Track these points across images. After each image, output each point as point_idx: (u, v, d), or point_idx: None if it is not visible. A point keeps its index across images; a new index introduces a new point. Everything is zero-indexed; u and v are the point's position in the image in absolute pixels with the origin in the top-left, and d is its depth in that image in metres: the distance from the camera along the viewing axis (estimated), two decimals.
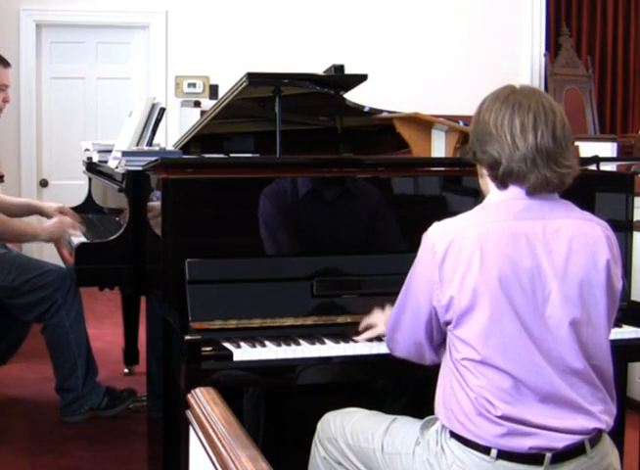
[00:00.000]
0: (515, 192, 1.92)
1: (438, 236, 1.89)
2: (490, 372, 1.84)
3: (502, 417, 1.83)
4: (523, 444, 1.84)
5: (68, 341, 3.67)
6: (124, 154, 3.06)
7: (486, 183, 1.98)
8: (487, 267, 1.83)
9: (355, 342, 2.37)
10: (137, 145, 3.49)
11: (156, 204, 2.63)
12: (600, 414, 1.89)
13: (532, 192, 1.90)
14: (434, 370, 2.02)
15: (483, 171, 1.97)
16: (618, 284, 1.94)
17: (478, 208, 1.97)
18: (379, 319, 2.36)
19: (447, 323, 1.90)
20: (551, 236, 1.88)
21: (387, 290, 2.39)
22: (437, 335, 1.95)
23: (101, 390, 3.78)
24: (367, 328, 2.38)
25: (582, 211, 1.98)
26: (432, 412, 2.00)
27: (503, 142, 1.88)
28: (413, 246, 1.98)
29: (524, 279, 1.84)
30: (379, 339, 2.39)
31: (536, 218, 1.89)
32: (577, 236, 1.90)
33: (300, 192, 2.62)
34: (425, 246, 1.93)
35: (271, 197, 2.57)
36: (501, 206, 1.92)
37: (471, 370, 1.86)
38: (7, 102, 3.90)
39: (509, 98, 1.91)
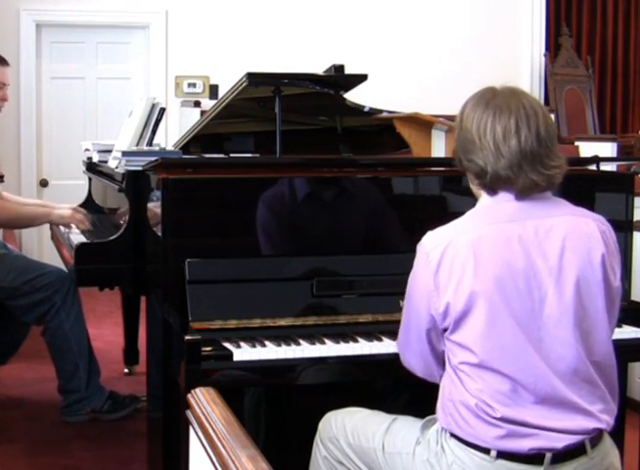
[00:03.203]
0: (505, 196, 1.92)
1: (432, 244, 1.89)
2: (488, 375, 1.84)
3: (501, 419, 1.83)
4: (522, 445, 1.84)
5: (68, 343, 3.67)
6: (124, 154, 3.06)
7: (477, 188, 1.98)
8: (482, 271, 1.83)
9: (356, 341, 2.37)
10: (137, 145, 3.49)
11: (156, 209, 2.63)
12: (599, 414, 1.89)
13: (522, 195, 1.90)
14: None
15: (472, 178, 1.97)
16: (616, 277, 1.94)
17: (470, 212, 1.97)
18: None
19: (445, 330, 1.89)
20: (544, 236, 1.88)
21: (387, 290, 2.39)
22: (439, 345, 1.94)
23: (104, 393, 3.77)
24: None
25: (576, 208, 1.97)
26: (432, 412, 2.00)
27: (487, 150, 1.87)
28: (413, 246, 1.98)
29: (519, 281, 1.84)
30: (379, 339, 2.39)
31: (528, 219, 1.89)
32: (571, 234, 1.90)
33: (299, 194, 2.62)
34: (420, 255, 1.92)
35: (268, 202, 2.57)
36: (493, 209, 1.92)
37: (469, 374, 1.86)
38: (5, 100, 3.91)
39: (489, 103, 1.90)
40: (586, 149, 5.29)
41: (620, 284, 1.96)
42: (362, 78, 3.22)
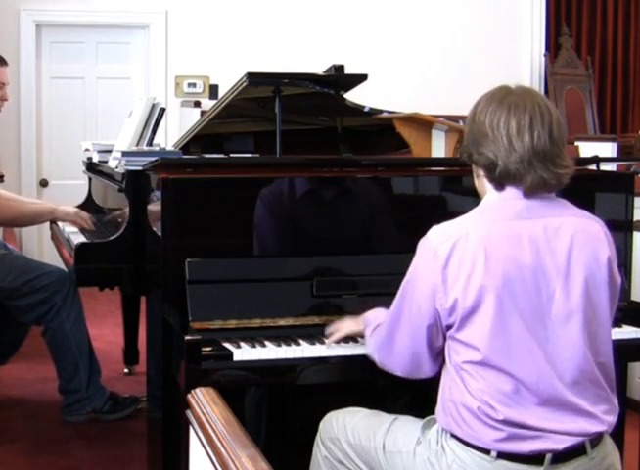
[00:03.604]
0: (512, 192, 1.92)
1: (441, 239, 1.89)
2: (491, 375, 1.84)
3: (503, 421, 1.83)
4: (523, 447, 1.84)
5: (69, 343, 3.67)
6: (124, 154, 3.06)
7: (483, 184, 1.98)
8: (492, 268, 1.83)
9: (356, 341, 2.37)
10: (137, 145, 3.49)
11: (156, 209, 2.63)
12: (602, 415, 1.89)
13: (530, 193, 1.90)
14: None
15: (480, 172, 1.97)
16: (619, 279, 1.95)
17: (476, 209, 1.97)
18: (343, 323, 2.33)
19: (449, 327, 1.89)
20: (552, 234, 1.88)
21: (387, 290, 2.38)
22: (438, 341, 1.94)
23: (105, 393, 3.77)
24: (333, 332, 2.35)
25: (579, 209, 1.98)
26: (432, 412, 2.00)
27: (499, 143, 1.88)
28: (414, 246, 1.98)
29: (528, 279, 1.84)
30: None
31: (537, 217, 1.90)
32: (578, 233, 1.90)
33: (298, 193, 2.62)
34: (425, 250, 1.92)
35: (267, 200, 2.57)
36: (501, 206, 1.92)
37: (471, 374, 1.86)
38: (5, 100, 3.92)
39: (504, 99, 1.90)
40: (586, 149, 5.29)
41: (620, 284, 1.97)
42: (362, 78, 3.22)
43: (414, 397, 2.69)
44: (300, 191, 2.62)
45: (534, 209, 1.91)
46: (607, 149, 5.59)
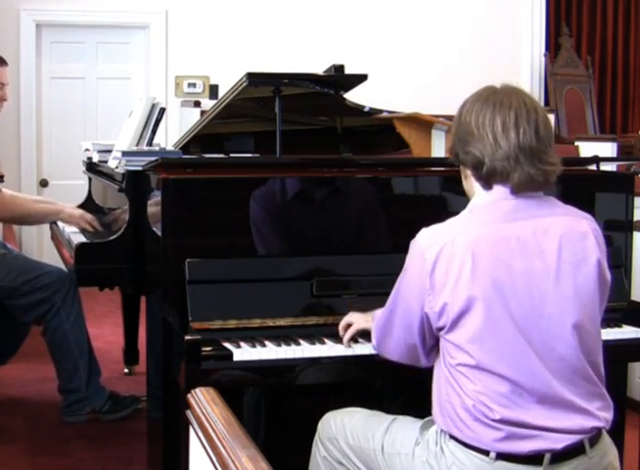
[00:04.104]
0: (500, 192, 1.91)
1: (428, 243, 1.88)
2: (486, 377, 1.84)
3: (500, 421, 1.83)
4: (522, 446, 1.84)
5: (68, 343, 3.67)
6: (124, 154, 3.06)
7: (471, 184, 1.97)
8: (480, 272, 1.83)
9: (356, 342, 2.37)
10: (137, 145, 3.49)
11: (155, 209, 2.63)
12: (598, 412, 1.89)
13: (518, 190, 1.89)
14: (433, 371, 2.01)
15: (467, 172, 1.97)
16: (609, 277, 1.95)
17: (465, 211, 1.97)
18: (354, 317, 2.35)
19: (440, 329, 1.89)
20: (541, 236, 1.88)
21: (387, 290, 2.38)
22: (430, 338, 1.94)
23: (105, 393, 3.77)
24: (345, 329, 2.36)
25: (567, 207, 1.98)
26: (431, 412, 2.00)
27: (485, 141, 1.87)
28: None
29: (518, 281, 1.84)
30: None
31: (525, 219, 1.89)
32: (566, 233, 1.90)
33: (290, 193, 2.62)
34: (414, 253, 1.92)
35: (260, 200, 2.57)
36: (489, 208, 1.92)
37: (466, 376, 1.85)
38: (5, 100, 3.93)
39: (490, 98, 1.90)
40: (586, 149, 5.29)
41: (610, 281, 1.97)
42: (362, 78, 3.22)
43: (412, 396, 2.69)
44: (292, 191, 2.62)
45: (523, 209, 1.90)
46: (607, 149, 5.59)
